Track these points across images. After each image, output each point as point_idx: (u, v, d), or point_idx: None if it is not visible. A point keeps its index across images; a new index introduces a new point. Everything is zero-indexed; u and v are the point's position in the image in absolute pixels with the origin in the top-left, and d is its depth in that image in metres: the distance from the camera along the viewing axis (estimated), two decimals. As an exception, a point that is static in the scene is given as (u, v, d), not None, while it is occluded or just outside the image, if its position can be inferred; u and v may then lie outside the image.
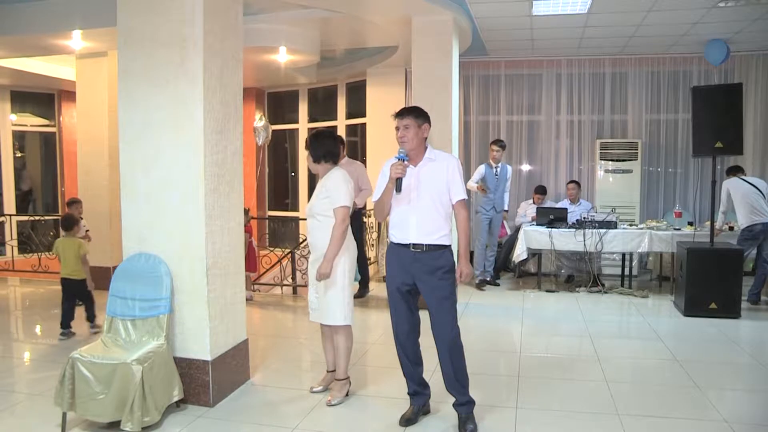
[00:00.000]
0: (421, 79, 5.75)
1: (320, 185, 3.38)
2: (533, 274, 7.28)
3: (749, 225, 5.78)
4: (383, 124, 8.26)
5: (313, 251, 3.42)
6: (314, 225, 3.37)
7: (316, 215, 3.34)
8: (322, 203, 3.31)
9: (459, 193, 3.02)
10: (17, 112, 9.24)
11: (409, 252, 2.98)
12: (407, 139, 2.99)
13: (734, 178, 5.99)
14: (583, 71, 8.02)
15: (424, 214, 2.97)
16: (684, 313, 5.46)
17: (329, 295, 3.32)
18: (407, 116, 3.02)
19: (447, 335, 2.96)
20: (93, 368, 2.96)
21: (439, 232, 2.97)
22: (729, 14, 5.99)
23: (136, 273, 3.30)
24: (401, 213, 3.02)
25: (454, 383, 3.00)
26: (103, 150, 6.88)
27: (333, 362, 3.52)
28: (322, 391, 3.48)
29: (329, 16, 5.91)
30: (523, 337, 4.85)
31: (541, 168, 8.31)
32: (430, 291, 2.97)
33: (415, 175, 3.00)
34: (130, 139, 3.41)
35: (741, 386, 3.78)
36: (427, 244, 2.96)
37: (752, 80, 7.54)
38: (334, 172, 3.37)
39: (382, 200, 3.03)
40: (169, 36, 3.26)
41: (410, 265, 2.99)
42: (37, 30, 5.90)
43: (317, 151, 3.38)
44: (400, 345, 3.10)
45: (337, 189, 3.28)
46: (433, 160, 3.04)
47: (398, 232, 3.04)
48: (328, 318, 3.36)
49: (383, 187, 3.01)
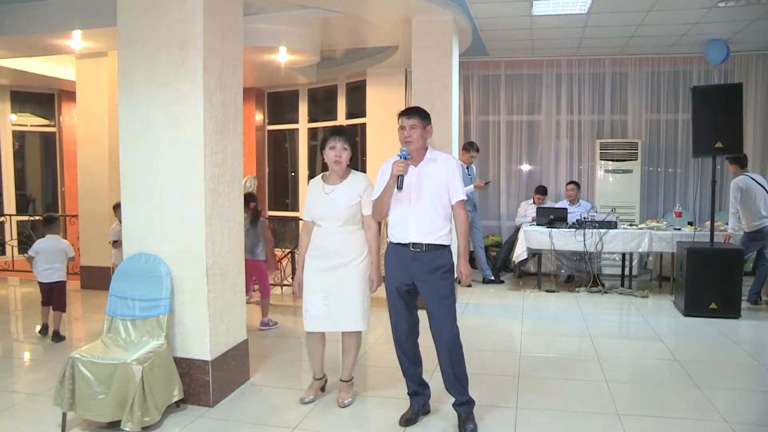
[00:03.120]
0: (421, 79, 5.75)
1: (341, 190, 3.23)
2: (533, 274, 7.28)
3: (759, 228, 5.74)
4: (383, 124, 8.29)
5: (333, 257, 3.24)
6: (334, 230, 3.24)
7: (347, 224, 3.23)
8: (351, 210, 3.22)
9: (458, 194, 3.02)
10: (17, 112, 9.25)
11: (409, 251, 2.98)
12: (413, 138, 2.98)
13: (743, 176, 5.89)
14: (583, 71, 8.02)
15: (424, 214, 2.97)
16: (684, 313, 5.46)
17: (356, 301, 3.25)
18: (415, 116, 3.01)
19: (446, 335, 2.96)
20: (93, 368, 2.96)
21: (438, 232, 2.97)
22: (729, 14, 5.99)
23: (136, 273, 3.30)
24: (401, 213, 3.01)
25: (454, 383, 3.00)
26: (103, 150, 6.88)
27: (322, 369, 3.47)
28: (313, 400, 3.39)
29: (329, 16, 5.91)
30: (523, 337, 4.85)
31: (541, 168, 8.31)
32: (429, 291, 2.97)
33: (416, 174, 2.99)
34: (130, 139, 3.41)
35: (741, 386, 3.77)
36: (427, 244, 2.96)
37: (752, 80, 7.54)
38: (359, 176, 3.31)
39: (382, 199, 3.02)
40: (169, 36, 3.26)
41: (410, 265, 2.98)
42: (37, 30, 5.89)
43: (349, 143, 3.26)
44: (400, 345, 3.10)
45: (370, 192, 3.20)
46: (433, 160, 3.03)
47: (398, 232, 3.03)
48: (349, 324, 3.28)
49: (383, 186, 3.00)
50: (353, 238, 3.26)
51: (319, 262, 3.28)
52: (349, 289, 3.24)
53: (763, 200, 5.74)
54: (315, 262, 3.29)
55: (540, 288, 6.75)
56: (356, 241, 3.27)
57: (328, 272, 3.24)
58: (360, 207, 3.24)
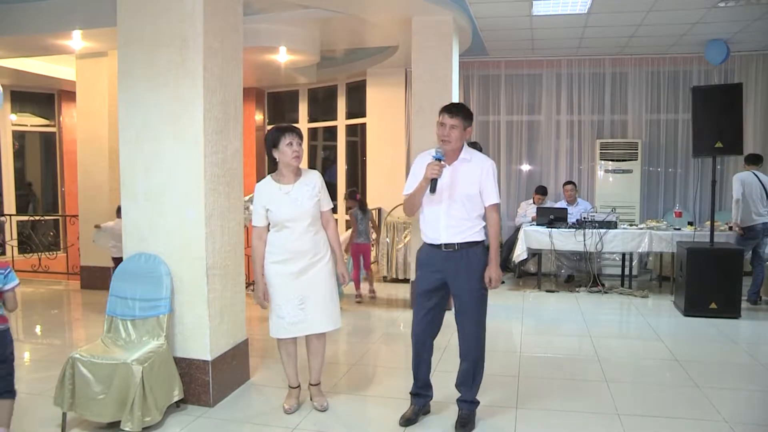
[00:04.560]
0: (421, 79, 5.74)
1: (301, 189, 3.16)
2: (533, 274, 7.28)
3: (751, 224, 5.77)
4: (383, 124, 8.30)
5: (303, 259, 3.13)
6: (302, 230, 3.13)
7: (313, 223, 3.16)
8: (315, 208, 3.18)
9: (492, 197, 2.96)
10: (17, 112, 9.24)
11: (441, 252, 2.94)
12: (451, 138, 2.91)
13: (747, 172, 5.88)
14: (583, 71, 8.02)
15: (456, 215, 2.92)
16: (684, 313, 5.46)
17: (330, 300, 3.21)
18: (457, 116, 2.91)
19: (474, 331, 2.96)
20: (93, 368, 2.96)
21: (469, 231, 2.93)
22: (729, 14, 5.99)
23: (136, 273, 3.30)
24: (432, 213, 2.96)
25: (469, 380, 3.01)
26: (103, 150, 6.88)
27: (296, 377, 3.35)
28: (297, 409, 3.28)
29: (329, 16, 5.91)
30: (523, 337, 4.85)
31: (541, 168, 8.31)
32: (461, 288, 2.94)
33: (449, 174, 2.92)
34: (130, 139, 3.41)
35: (741, 386, 3.77)
36: (459, 243, 2.92)
37: (752, 80, 7.55)
38: (312, 172, 3.30)
39: (414, 197, 2.96)
40: (169, 36, 3.26)
41: (443, 265, 2.95)
42: (37, 30, 5.89)
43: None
44: (419, 345, 3.05)
45: (325, 189, 3.26)
46: (468, 160, 2.97)
47: (430, 232, 2.99)
48: (326, 325, 3.22)
49: (416, 182, 2.93)
50: (319, 236, 3.21)
51: (287, 267, 3.12)
52: (322, 290, 3.18)
53: (761, 198, 5.74)
54: (282, 268, 3.13)
55: (540, 288, 6.75)
56: (322, 239, 3.22)
57: (299, 276, 3.13)
58: (319, 205, 3.21)
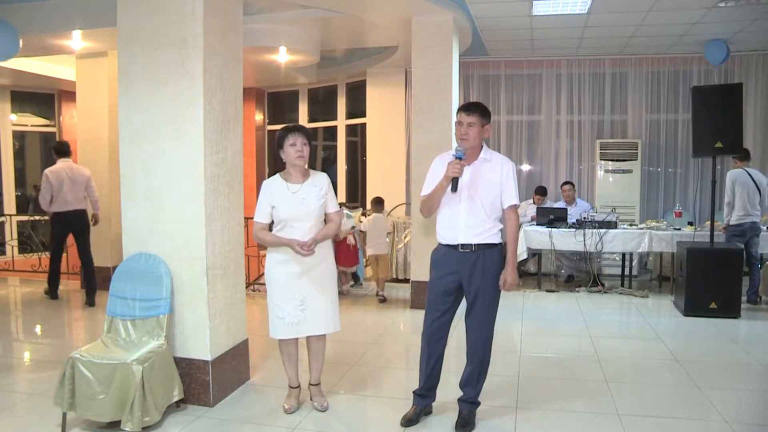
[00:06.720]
0: (421, 79, 5.74)
1: (308, 189, 3.14)
2: (533, 274, 7.28)
3: (739, 222, 5.78)
4: (383, 124, 8.30)
5: (302, 260, 3.11)
6: (307, 230, 3.11)
7: (318, 223, 3.15)
8: (321, 209, 3.17)
9: (511, 198, 2.93)
10: (17, 112, 9.24)
11: (457, 252, 2.93)
12: (470, 137, 2.90)
13: (740, 170, 5.89)
14: (583, 71, 8.02)
15: (474, 215, 2.90)
16: (684, 313, 5.46)
17: (331, 302, 3.21)
18: (475, 113, 2.90)
19: (483, 333, 2.98)
20: (93, 368, 2.96)
21: (487, 232, 2.91)
22: (729, 14, 5.99)
23: (136, 273, 3.30)
24: (450, 213, 2.95)
25: (473, 380, 3.01)
26: (103, 150, 6.88)
27: (297, 377, 3.36)
28: (297, 409, 3.28)
29: (329, 16, 5.91)
30: (523, 337, 4.85)
31: (541, 168, 8.31)
32: (474, 289, 2.93)
33: (468, 174, 2.90)
34: (130, 139, 3.41)
35: (741, 386, 3.77)
36: (476, 244, 2.90)
37: (752, 80, 7.54)
38: (320, 174, 3.29)
39: (433, 197, 2.93)
40: (169, 36, 3.26)
41: (459, 266, 2.93)
42: (37, 30, 5.90)
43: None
44: (431, 346, 3.04)
45: (332, 191, 3.26)
46: (488, 160, 2.95)
47: (446, 233, 2.97)
48: (328, 326, 3.21)
49: (434, 182, 2.92)
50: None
51: (290, 267, 3.12)
52: (323, 292, 3.18)
53: (752, 198, 5.75)
54: (285, 268, 3.13)
55: (540, 288, 6.75)
56: (325, 242, 3.22)
57: (301, 277, 3.13)
58: (325, 206, 3.20)
